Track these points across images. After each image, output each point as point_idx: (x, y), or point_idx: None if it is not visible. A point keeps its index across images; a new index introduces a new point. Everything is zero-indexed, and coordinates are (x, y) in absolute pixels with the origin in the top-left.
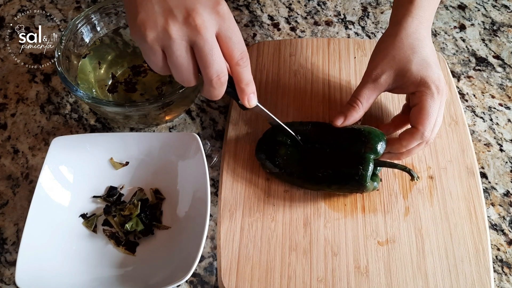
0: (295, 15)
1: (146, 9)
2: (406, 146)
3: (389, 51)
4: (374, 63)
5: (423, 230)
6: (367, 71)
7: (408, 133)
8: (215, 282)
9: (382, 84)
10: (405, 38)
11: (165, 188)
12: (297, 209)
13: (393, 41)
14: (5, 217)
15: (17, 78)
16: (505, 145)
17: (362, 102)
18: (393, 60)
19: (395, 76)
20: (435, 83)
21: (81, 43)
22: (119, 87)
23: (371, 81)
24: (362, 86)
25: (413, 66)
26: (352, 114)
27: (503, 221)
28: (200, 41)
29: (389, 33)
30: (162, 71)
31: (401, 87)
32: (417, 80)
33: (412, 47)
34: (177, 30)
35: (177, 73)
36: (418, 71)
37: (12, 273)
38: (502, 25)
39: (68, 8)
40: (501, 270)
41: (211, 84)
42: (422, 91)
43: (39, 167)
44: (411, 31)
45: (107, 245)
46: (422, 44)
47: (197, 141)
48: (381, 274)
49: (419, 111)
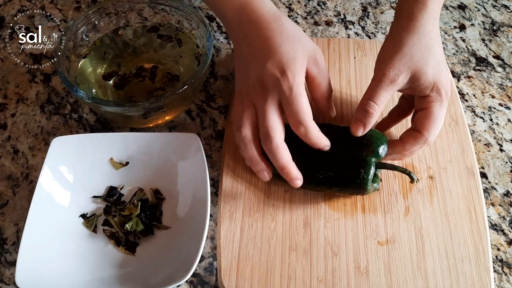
0: (295, 15)
1: (244, 75)
2: (408, 150)
3: (407, 50)
4: (391, 61)
5: (423, 230)
6: (382, 69)
7: (412, 138)
8: (215, 282)
9: (399, 85)
10: (423, 36)
11: (165, 188)
12: (297, 209)
13: (411, 39)
14: (5, 217)
15: (17, 78)
16: (505, 145)
17: (379, 106)
18: (411, 61)
19: (411, 78)
20: (445, 88)
21: (81, 43)
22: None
23: (388, 82)
24: (378, 87)
25: (429, 69)
26: (370, 121)
27: (503, 221)
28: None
29: (404, 27)
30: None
31: (414, 89)
32: (431, 85)
33: (428, 48)
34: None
35: (263, 122)
36: (433, 75)
37: (12, 273)
38: (502, 25)
39: (68, 8)
40: (501, 270)
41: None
42: (432, 96)
43: (39, 167)
44: (428, 29)
45: (107, 245)
46: (436, 45)
47: (197, 141)
48: (381, 274)
49: (427, 116)
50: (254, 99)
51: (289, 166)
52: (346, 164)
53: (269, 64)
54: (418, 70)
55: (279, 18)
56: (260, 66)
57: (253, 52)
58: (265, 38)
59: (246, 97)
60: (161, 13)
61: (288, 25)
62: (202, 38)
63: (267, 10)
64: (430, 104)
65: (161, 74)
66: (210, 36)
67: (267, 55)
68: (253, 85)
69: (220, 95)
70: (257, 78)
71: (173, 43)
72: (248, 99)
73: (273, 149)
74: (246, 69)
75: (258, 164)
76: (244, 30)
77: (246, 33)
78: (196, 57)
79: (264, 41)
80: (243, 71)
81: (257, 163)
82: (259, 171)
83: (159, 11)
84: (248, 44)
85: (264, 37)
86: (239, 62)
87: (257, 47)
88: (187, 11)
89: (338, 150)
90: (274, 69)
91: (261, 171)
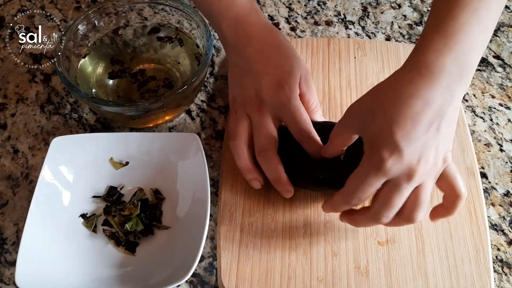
0: (295, 15)
1: (239, 87)
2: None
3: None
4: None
5: (423, 230)
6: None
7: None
8: (215, 282)
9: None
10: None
11: (165, 188)
12: (297, 209)
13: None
14: (5, 217)
15: (17, 78)
16: (505, 145)
17: None
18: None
19: None
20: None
21: (81, 43)
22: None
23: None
24: None
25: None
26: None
27: (503, 221)
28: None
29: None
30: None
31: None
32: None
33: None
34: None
35: (258, 136)
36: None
37: (12, 273)
38: (502, 25)
39: (68, 8)
40: (501, 270)
41: (301, 136)
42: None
43: (39, 167)
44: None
45: (107, 245)
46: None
47: (197, 141)
48: (381, 274)
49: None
50: (250, 111)
51: (281, 178)
52: (345, 164)
53: (266, 78)
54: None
55: (274, 32)
56: (256, 79)
57: (249, 64)
58: (262, 52)
59: (240, 108)
60: (161, 13)
61: (283, 39)
62: (202, 38)
63: (264, 24)
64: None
65: (155, 83)
66: (210, 36)
67: (263, 69)
68: (248, 97)
69: (220, 95)
70: (254, 90)
71: (173, 43)
72: (243, 111)
73: (267, 162)
74: (241, 81)
75: (250, 173)
76: (240, 42)
77: (242, 46)
78: (196, 57)
79: (260, 55)
80: (238, 82)
81: (249, 172)
82: (251, 180)
83: (159, 11)
84: (244, 56)
85: (261, 51)
86: (234, 74)
87: (253, 60)
88: (187, 11)
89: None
90: (272, 83)
91: (253, 179)
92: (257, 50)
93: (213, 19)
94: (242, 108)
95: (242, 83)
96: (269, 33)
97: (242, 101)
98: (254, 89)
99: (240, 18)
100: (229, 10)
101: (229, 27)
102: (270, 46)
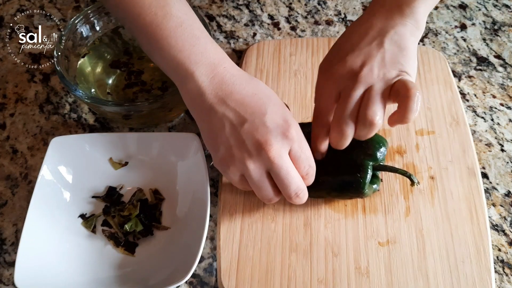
0: (295, 15)
1: (223, 142)
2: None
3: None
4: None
5: (424, 230)
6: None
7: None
8: (215, 283)
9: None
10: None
11: (164, 188)
12: (297, 209)
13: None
14: (4, 218)
15: (16, 78)
16: (506, 145)
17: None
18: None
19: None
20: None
21: (80, 43)
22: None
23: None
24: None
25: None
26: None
27: (504, 221)
28: (275, 169)
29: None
30: (244, 188)
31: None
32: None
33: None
34: (253, 162)
35: (258, 193)
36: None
37: (11, 273)
38: (503, 24)
39: (67, 7)
40: (502, 271)
41: (290, 199)
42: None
43: (38, 167)
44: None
45: (106, 246)
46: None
47: (197, 141)
48: (382, 274)
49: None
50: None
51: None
52: (344, 168)
53: (268, 117)
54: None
55: (253, 77)
56: (257, 122)
57: (235, 112)
58: (249, 98)
59: (236, 153)
60: None
61: (263, 85)
62: None
63: (242, 72)
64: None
65: (153, 84)
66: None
67: (261, 112)
68: (240, 145)
69: None
70: (251, 138)
71: None
72: (240, 155)
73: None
74: (235, 131)
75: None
76: (222, 91)
77: (225, 94)
78: None
79: (247, 101)
80: (222, 136)
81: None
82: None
83: None
84: (230, 105)
85: (247, 97)
86: (216, 127)
87: (240, 106)
88: None
89: (338, 154)
90: (279, 119)
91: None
92: (243, 96)
93: (181, 68)
94: (236, 153)
95: (236, 133)
96: (249, 78)
97: (229, 149)
98: (250, 135)
99: (217, 65)
100: (205, 56)
101: (205, 75)
102: (255, 89)
